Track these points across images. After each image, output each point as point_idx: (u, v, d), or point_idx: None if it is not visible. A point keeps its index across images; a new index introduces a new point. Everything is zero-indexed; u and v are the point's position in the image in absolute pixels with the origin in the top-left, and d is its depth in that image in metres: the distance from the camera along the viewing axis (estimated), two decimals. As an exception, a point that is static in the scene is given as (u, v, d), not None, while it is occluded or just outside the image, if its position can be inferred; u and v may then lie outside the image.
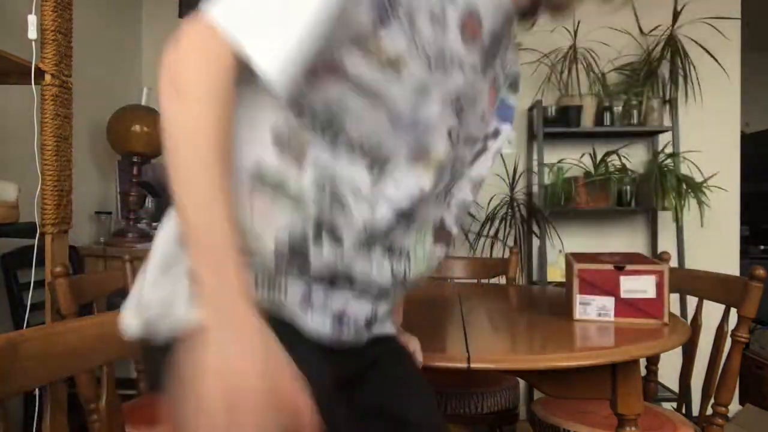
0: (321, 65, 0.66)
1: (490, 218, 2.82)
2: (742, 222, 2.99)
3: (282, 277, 0.70)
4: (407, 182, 0.74)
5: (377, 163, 0.71)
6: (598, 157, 2.86)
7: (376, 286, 0.77)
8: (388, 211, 0.73)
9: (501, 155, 1.07)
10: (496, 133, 0.93)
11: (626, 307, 1.24)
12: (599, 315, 1.26)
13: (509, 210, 2.81)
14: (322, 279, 0.72)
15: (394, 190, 0.73)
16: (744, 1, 2.91)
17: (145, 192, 2.55)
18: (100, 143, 2.58)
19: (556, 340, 1.11)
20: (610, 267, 1.25)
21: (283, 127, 0.68)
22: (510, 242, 2.83)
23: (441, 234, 0.88)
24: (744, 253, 3.12)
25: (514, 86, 0.94)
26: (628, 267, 1.24)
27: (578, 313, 1.27)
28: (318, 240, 0.69)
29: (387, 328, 0.91)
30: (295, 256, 0.69)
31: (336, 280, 0.73)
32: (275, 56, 0.60)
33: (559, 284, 2.62)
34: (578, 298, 1.27)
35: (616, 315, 1.25)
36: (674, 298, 2.69)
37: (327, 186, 0.69)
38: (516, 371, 1.19)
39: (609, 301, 1.25)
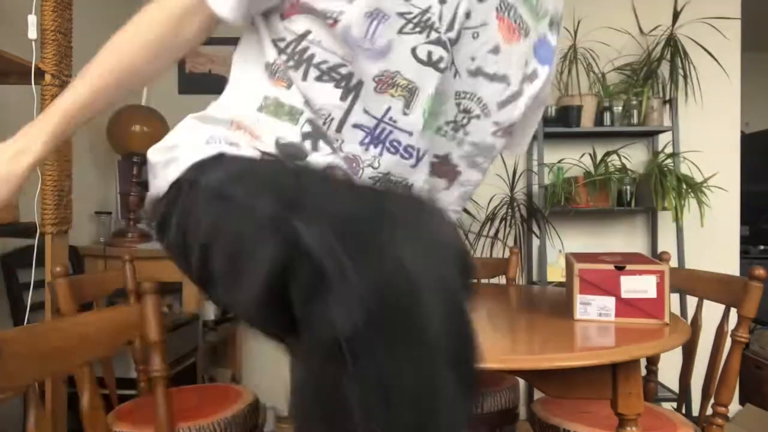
0: (286, 4, 0.80)
1: (490, 218, 2.82)
2: (742, 222, 2.99)
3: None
4: (374, 105, 0.79)
5: (345, 84, 0.79)
6: (598, 157, 2.86)
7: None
8: (358, 133, 0.80)
9: (501, 155, 1.08)
10: (533, 75, 0.91)
11: (627, 307, 1.24)
12: (600, 315, 1.25)
13: (509, 210, 2.81)
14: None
15: (363, 113, 0.80)
16: (744, 1, 2.91)
17: (145, 192, 2.54)
18: (100, 143, 2.57)
19: (557, 340, 1.11)
20: (610, 267, 1.25)
21: (272, 63, 0.83)
22: (510, 242, 2.83)
23: (441, 168, 0.89)
24: (744, 253, 3.12)
25: (552, 25, 0.93)
26: (629, 267, 1.24)
27: (579, 313, 1.27)
28: (310, 144, 0.80)
29: None
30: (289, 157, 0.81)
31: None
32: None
33: (559, 284, 2.62)
34: (579, 298, 1.26)
35: (616, 315, 1.25)
36: (674, 298, 2.69)
37: (308, 105, 0.80)
38: (517, 371, 1.19)
39: (609, 301, 1.25)
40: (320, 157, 0.79)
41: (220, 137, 0.80)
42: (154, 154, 0.84)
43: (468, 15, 0.80)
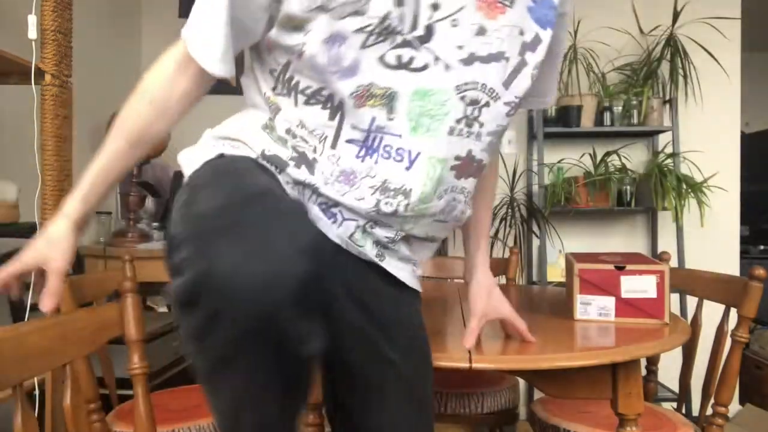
0: (264, 43, 0.87)
1: (490, 218, 2.81)
2: (742, 222, 2.99)
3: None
4: (360, 120, 0.82)
5: (330, 105, 0.84)
6: (598, 157, 2.86)
7: (362, 211, 0.85)
8: (351, 148, 0.84)
9: (501, 154, 1.08)
10: (536, 41, 0.87)
11: (627, 307, 1.24)
12: (600, 315, 1.25)
13: (509, 210, 2.81)
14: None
15: (351, 129, 0.83)
16: (744, 1, 2.91)
17: (145, 192, 2.54)
18: (100, 143, 2.57)
19: (558, 340, 1.11)
20: (610, 267, 1.25)
21: (267, 91, 0.90)
22: (510, 242, 2.84)
23: (466, 167, 0.89)
24: (744, 253, 3.12)
25: None
26: (629, 267, 1.24)
27: (579, 313, 1.27)
28: (295, 166, 0.85)
29: (406, 277, 0.95)
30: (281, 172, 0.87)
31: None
32: (203, 50, 0.85)
33: (559, 284, 2.62)
34: (579, 298, 1.26)
35: (616, 315, 1.25)
36: (674, 298, 2.70)
37: (294, 130, 0.86)
38: (518, 371, 1.19)
39: (609, 301, 1.25)
40: (297, 173, 0.85)
41: (223, 144, 0.89)
42: (179, 156, 0.93)
43: (435, 6, 0.79)
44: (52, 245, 0.89)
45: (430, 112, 0.82)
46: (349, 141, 0.84)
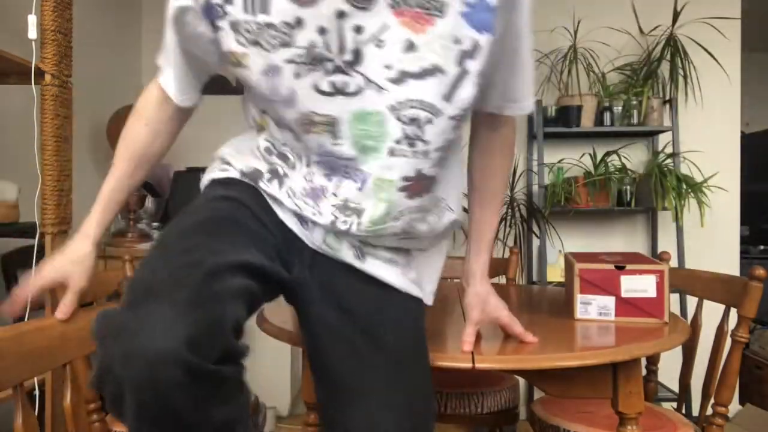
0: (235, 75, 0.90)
1: (490, 218, 2.81)
2: (742, 222, 2.99)
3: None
4: (312, 144, 0.87)
5: (288, 129, 0.89)
6: (598, 157, 2.86)
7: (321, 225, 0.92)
8: (321, 167, 0.90)
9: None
10: (475, 48, 0.81)
11: (627, 306, 1.24)
12: (600, 314, 1.26)
13: (509, 210, 2.81)
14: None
15: (306, 151, 0.90)
16: (744, 1, 2.91)
17: (145, 192, 2.54)
18: (100, 143, 2.57)
19: (559, 339, 1.11)
20: (610, 267, 1.25)
21: (253, 117, 0.99)
22: (510, 242, 2.83)
23: (417, 186, 0.88)
24: (744, 253, 3.12)
25: None
26: (629, 267, 1.24)
27: (579, 312, 1.27)
28: (269, 179, 0.94)
29: (391, 278, 0.96)
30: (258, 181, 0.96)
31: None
32: (166, 82, 0.98)
33: (558, 284, 2.62)
34: (579, 297, 1.27)
35: (616, 314, 1.25)
36: (674, 298, 2.70)
37: (278, 148, 0.95)
38: (520, 371, 1.19)
39: (610, 301, 1.25)
40: (268, 187, 0.93)
41: (219, 166, 1.00)
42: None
43: (359, 29, 0.78)
44: (75, 264, 0.96)
45: (371, 134, 0.83)
46: (317, 162, 0.90)
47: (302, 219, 0.94)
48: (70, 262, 0.96)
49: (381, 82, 0.80)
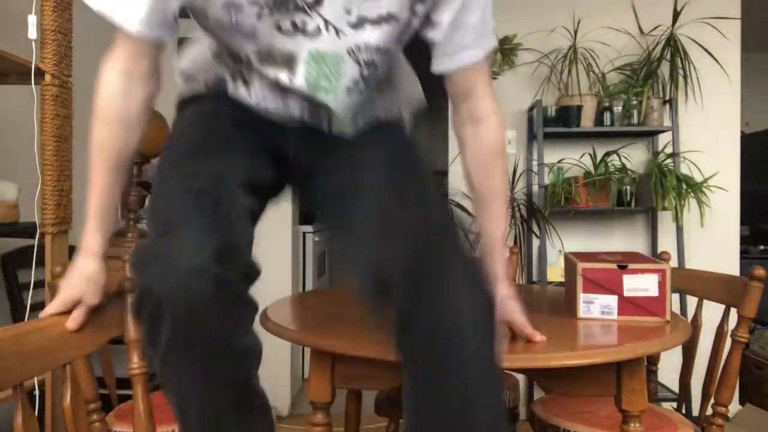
0: (189, 8, 0.91)
1: (490, 218, 2.81)
2: (742, 222, 2.99)
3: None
4: (267, 71, 0.91)
5: (240, 60, 0.93)
6: (598, 157, 2.86)
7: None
8: (262, 93, 0.96)
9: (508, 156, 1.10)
10: None
11: (629, 305, 1.24)
12: (602, 313, 1.26)
13: (509, 210, 2.81)
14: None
15: (258, 81, 0.94)
16: (744, 1, 2.91)
17: (145, 192, 2.54)
18: (100, 143, 2.57)
19: (562, 338, 1.11)
20: (613, 266, 1.25)
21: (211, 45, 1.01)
22: (510, 242, 2.83)
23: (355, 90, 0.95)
24: (744, 253, 3.12)
25: None
26: (631, 266, 1.25)
27: (582, 311, 1.27)
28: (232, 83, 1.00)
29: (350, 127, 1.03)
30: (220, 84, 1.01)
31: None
32: (134, 16, 0.93)
33: (558, 284, 2.62)
34: (582, 296, 1.27)
35: (619, 313, 1.25)
36: (674, 298, 2.70)
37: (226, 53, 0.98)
38: (524, 369, 1.19)
39: (612, 300, 1.25)
40: (234, 88, 0.98)
41: (184, 81, 1.08)
42: None
43: None
44: (90, 282, 0.94)
45: (327, 74, 0.89)
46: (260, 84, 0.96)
47: (278, 96, 0.97)
48: (85, 279, 0.94)
49: (341, 26, 0.86)
